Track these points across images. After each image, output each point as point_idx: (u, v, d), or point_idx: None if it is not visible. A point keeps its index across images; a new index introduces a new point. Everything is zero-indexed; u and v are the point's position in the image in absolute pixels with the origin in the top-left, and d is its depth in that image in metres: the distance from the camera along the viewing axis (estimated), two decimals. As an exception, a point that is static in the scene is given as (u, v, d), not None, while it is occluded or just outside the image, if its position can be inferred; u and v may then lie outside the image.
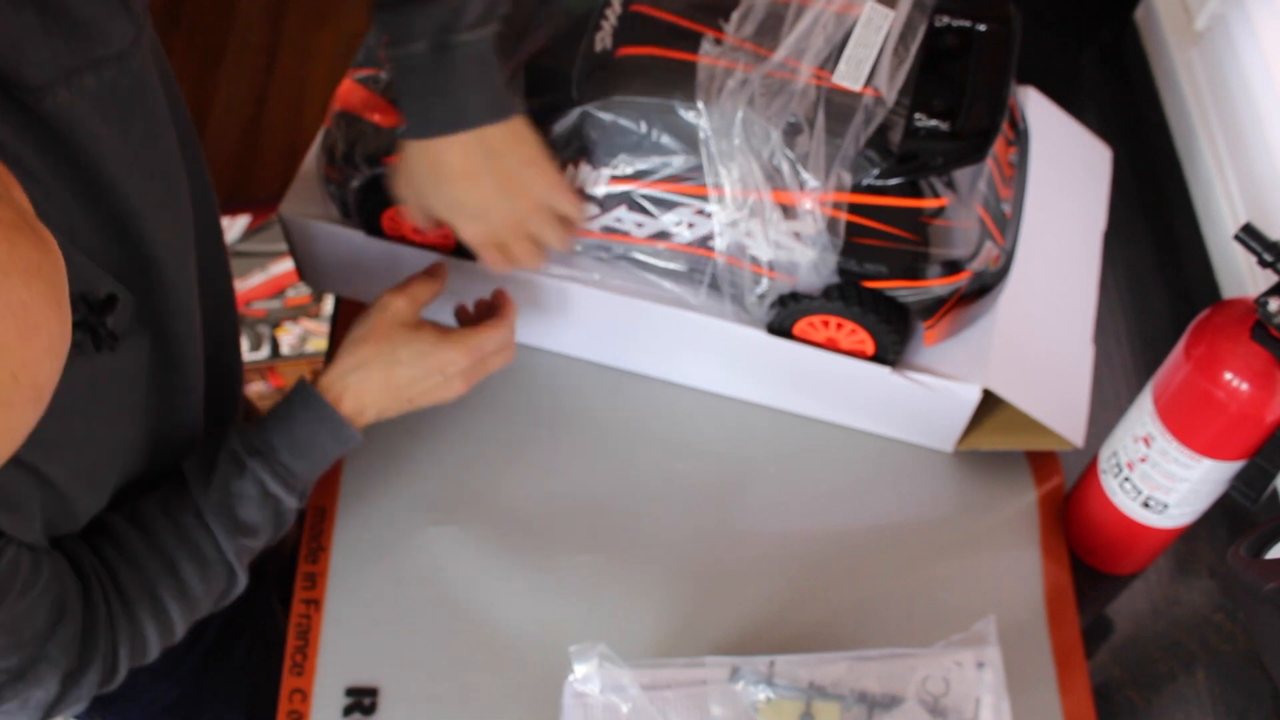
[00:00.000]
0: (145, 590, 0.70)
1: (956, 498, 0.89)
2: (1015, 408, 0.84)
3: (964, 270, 0.79)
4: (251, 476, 0.73)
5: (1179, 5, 1.11)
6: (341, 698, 0.80)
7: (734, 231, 0.78)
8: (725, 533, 0.87)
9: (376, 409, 0.77)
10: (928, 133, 0.75)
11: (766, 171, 0.75)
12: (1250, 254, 0.68)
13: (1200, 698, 0.82)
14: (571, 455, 0.91)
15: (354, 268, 0.93)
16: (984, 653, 0.75)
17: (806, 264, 0.78)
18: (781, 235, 0.77)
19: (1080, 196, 0.95)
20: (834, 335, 0.82)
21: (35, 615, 0.62)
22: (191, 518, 0.72)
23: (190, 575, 0.72)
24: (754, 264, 0.79)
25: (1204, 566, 0.88)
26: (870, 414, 0.90)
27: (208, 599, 0.74)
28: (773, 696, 0.74)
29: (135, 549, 0.71)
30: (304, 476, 0.75)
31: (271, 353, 1.86)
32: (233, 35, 2.43)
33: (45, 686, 0.64)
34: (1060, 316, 0.89)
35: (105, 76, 0.59)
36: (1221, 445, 0.72)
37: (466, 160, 0.74)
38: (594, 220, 0.82)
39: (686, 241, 0.81)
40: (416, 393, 0.78)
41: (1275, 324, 0.66)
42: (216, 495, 0.72)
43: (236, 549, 0.73)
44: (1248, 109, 0.98)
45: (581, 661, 0.72)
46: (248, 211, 1.93)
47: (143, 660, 0.72)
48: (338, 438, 0.75)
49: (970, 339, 0.84)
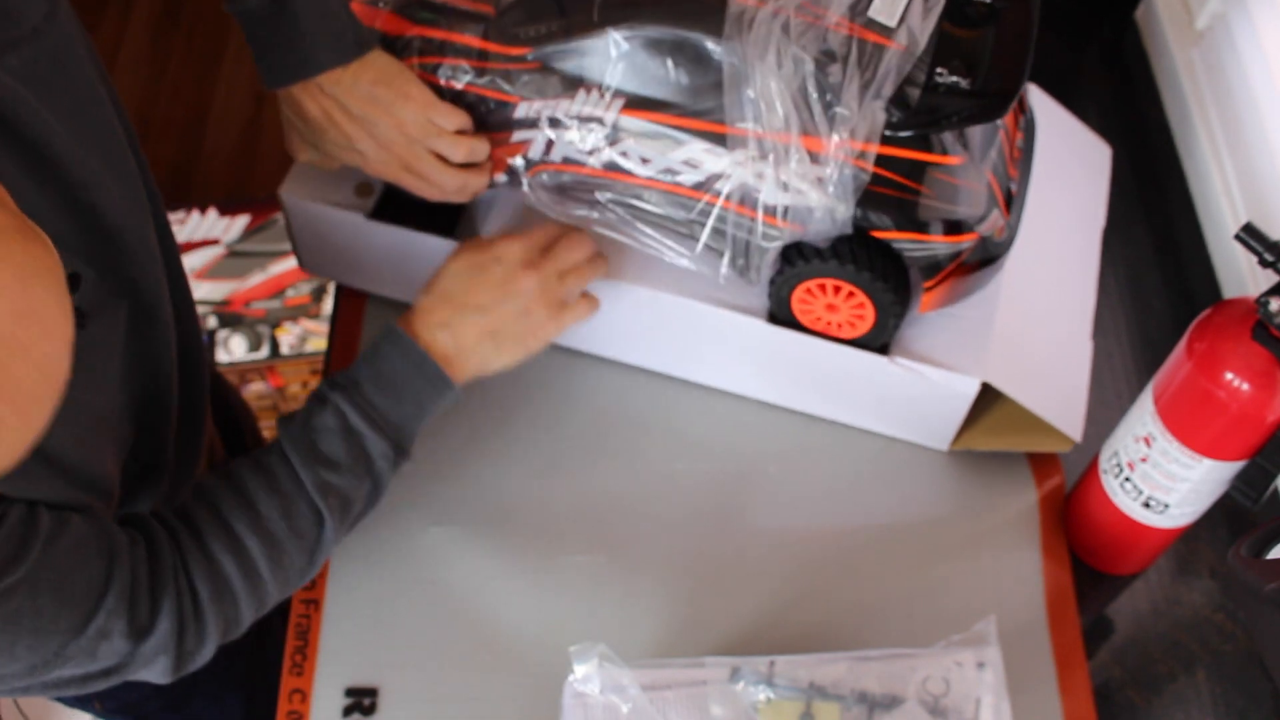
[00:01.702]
0: (221, 528, 0.69)
1: (957, 498, 0.89)
2: (1011, 408, 0.84)
3: (971, 231, 0.77)
4: (332, 408, 0.72)
5: (1180, 4, 1.11)
6: (341, 698, 0.80)
7: (747, 173, 0.76)
8: (725, 533, 0.87)
9: (467, 347, 0.76)
10: (948, 89, 0.74)
11: (794, 105, 0.73)
12: (1251, 254, 0.68)
13: (1201, 698, 0.82)
14: (571, 456, 0.91)
15: (354, 253, 0.92)
16: (984, 653, 0.75)
17: (821, 209, 0.75)
18: (798, 178, 0.75)
19: (1080, 194, 0.95)
20: (834, 303, 0.81)
21: (78, 569, 0.61)
22: (272, 455, 0.72)
23: (269, 509, 0.70)
24: (764, 212, 0.77)
25: (1205, 567, 0.88)
26: (866, 409, 0.89)
27: (294, 540, 0.71)
28: (773, 697, 0.74)
29: (213, 491, 0.70)
30: (391, 416, 0.74)
31: (271, 353, 1.86)
32: (233, 35, 2.43)
33: (110, 639, 0.63)
34: (1059, 312, 0.89)
35: (25, 53, 0.59)
36: (1222, 445, 0.72)
37: (319, 105, 0.76)
38: (599, 153, 0.79)
39: (692, 184, 0.78)
40: (499, 321, 0.77)
41: (1276, 324, 0.66)
42: (298, 429, 0.72)
43: (317, 481, 0.71)
44: (1248, 108, 0.98)
45: (581, 661, 0.72)
46: (247, 211, 1.93)
47: (233, 610, 0.70)
48: (425, 375, 0.74)
49: (968, 333, 0.84)
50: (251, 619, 0.72)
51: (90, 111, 0.65)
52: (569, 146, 0.79)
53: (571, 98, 0.78)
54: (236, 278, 1.89)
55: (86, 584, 0.61)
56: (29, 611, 0.58)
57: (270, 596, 0.72)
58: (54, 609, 0.60)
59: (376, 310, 0.98)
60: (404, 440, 0.75)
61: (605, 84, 0.77)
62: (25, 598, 0.58)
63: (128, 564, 0.64)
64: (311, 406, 0.73)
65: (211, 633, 0.69)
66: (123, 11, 2.48)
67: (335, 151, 0.80)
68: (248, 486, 0.71)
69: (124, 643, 0.63)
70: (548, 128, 0.79)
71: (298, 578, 0.73)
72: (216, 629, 0.69)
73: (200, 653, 0.69)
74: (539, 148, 0.81)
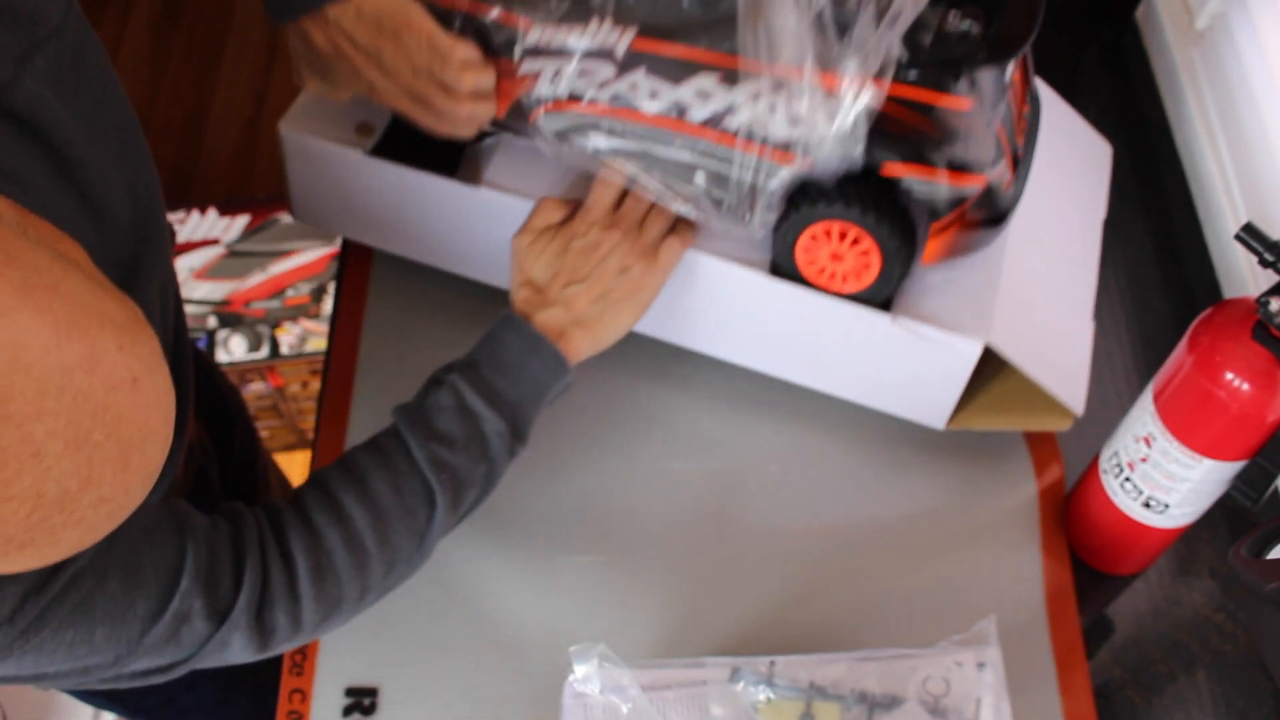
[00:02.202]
0: (327, 499, 0.69)
1: (957, 497, 0.89)
2: (1009, 386, 0.83)
3: (980, 174, 0.76)
4: (449, 388, 0.72)
5: (1180, 4, 1.11)
6: (341, 698, 0.80)
7: (756, 106, 0.75)
8: (725, 533, 0.87)
9: (583, 317, 0.76)
10: (960, 35, 0.74)
11: (811, 36, 0.73)
12: (1251, 254, 0.68)
13: (1201, 698, 0.82)
14: (571, 456, 0.91)
15: (351, 195, 0.90)
16: (984, 653, 0.75)
17: (831, 139, 0.74)
18: (809, 110, 0.74)
19: (1081, 185, 0.95)
20: (839, 250, 0.79)
21: (148, 552, 0.60)
22: (388, 434, 0.72)
23: (378, 482, 0.70)
24: (774, 147, 0.76)
25: (1205, 567, 0.88)
26: (864, 377, 0.88)
27: (404, 518, 0.70)
28: (773, 697, 0.74)
29: (324, 472, 0.70)
30: (508, 397, 0.74)
31: (271, 352, 1.86)
32: (232, 35, 2.43)
33: (191, 622, 0.62)
34: (1061, 292, 0.88)
35: (49, 52, 0.59)
36: (1222, 445, 0.72)
37: (327, 37, 0.76)
38: (608, 86, 0.78)
39: (701, 120, 0.77)
40: (603, 285, 0.77)
41: (1276, 324, 0.66)
42: (414, 408, 0.72)
43: (430, 456, 0.70)
44: (1249, 108, 0.98)
45: (581, 662, 0.72)
46: (247, 211, 1.93)
47: (335, 587, 0.68)
48: (541, 356, 0.74)
49: (971, 299, 0.82)
50: (354, 603, 0.70)
51: (105, 109, 0.65)
52: (577, 79, 0.78)
53: (583, 26, 0.77)
54: (236, 278, 1.89)
55: (157, 567, 0.61)
56: (101, 598, 0.58)
57: (374, 577, 0.70)
58: (127, 595, 0.59)
59: (377, 310, 0.98)
60: (520, 424, 0.75)
61: (617, 13, 0.76)
62: (93, 584, 0.58)
63: (204, 544, 0.63)
64: (426, 389, 0.73)
65: (308, 609, 0.67)
66: (123, 11, 2.48)
67: (343, 82, 0.80)
68: (359, 463, 0.70)
69: (205, 624, 0.62)
70: (556, 57, 0.78)
71: (405, 563, 0.72)
72: (314, 607, 0.67)
73: (293, 630, 0.67)
74: (546, 81, 0.79)
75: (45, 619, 0.56)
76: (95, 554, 0.57)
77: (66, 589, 0.56)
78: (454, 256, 0.92)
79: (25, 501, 0.41)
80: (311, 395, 1.92)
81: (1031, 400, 0.84)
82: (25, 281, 0.42)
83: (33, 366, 0.41)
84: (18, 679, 0.60)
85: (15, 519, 0.42)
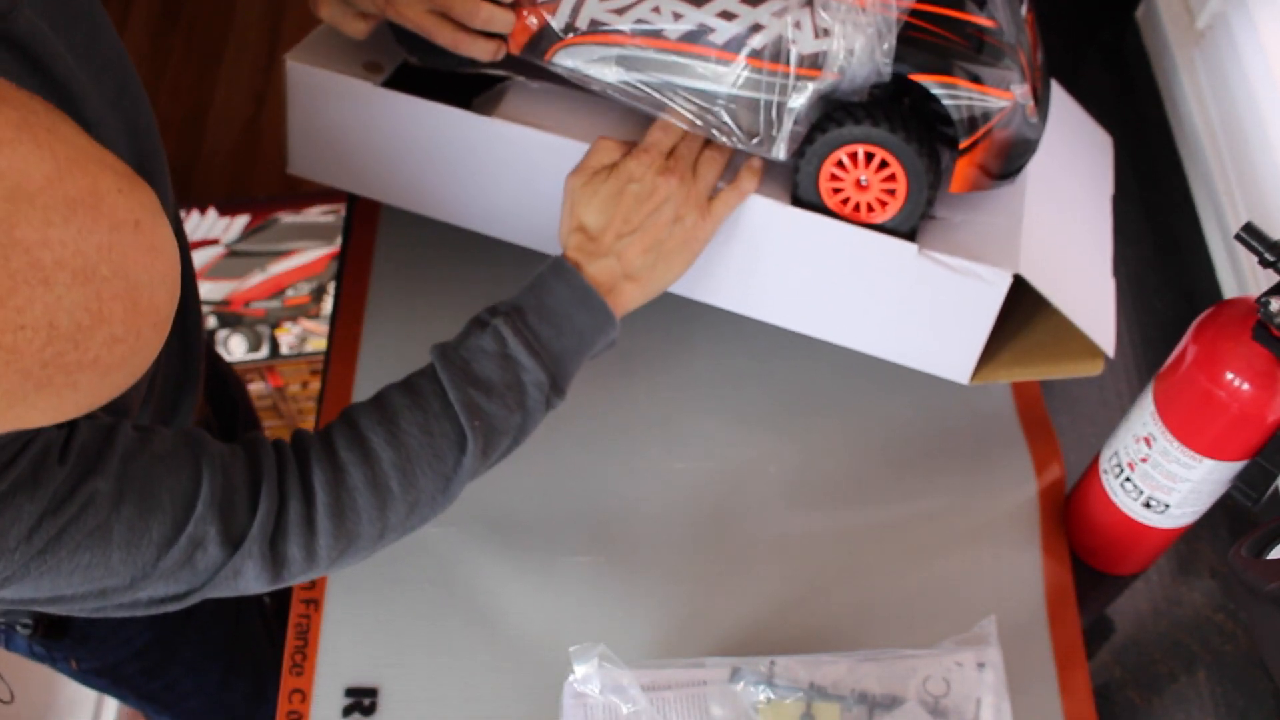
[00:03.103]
0: (355, 436, 0.68)
1: (958, 497, 0.89)
2: (1033, 338, 0.81)
3: (1007, 90, 0.75)
4: (492, 332, 0.71)
5: (1180, 4, 1.11)
6: (341, 698, 0.80)
7: (782, 24, 0.74)
8: (725, 533, 0.87)
9: (634, 268, 0.75)
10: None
11: None
12: (1251, 254, 0.68)
13: (1201, 698, 0.82)
14: (571, 455, 0.91)
15: (356, 137, 0.87)
16: (985, 653, 0.75)
17: (861, 49, 0.73)
18: (837, 18, 0.73)
19: (1087, 166, 0.94)
20: (863, 177, 0.78)
21: (164, 478, 0.60)
22: (424, 374, 0.70)
23: (409, 423, 0.68)
24: (799, 65, 0.75)
25: (1205, 567, 0.88)
26: (887, 323, 0.84)
27: (431, 460, 0.69)
28: (773, 697, 0.74)
29: (356, 409, 0.69)
30: (553, 348, 0.72)
31: (271, 352, 1.86)
32: (232, 35, 2.43)
33: (205, 548, 0.62)
34: (1082, 245, 0.87)
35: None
36: (1223, 445, 0.72)
37: None
38: (628, 11, 0.76)
39: (723, 44, 0.75)
40: (656, 234, 0.76)
41: (1277, 324, 0.66)
42: (453, 349, 0.71)
43: (465, 401, 0.69)
44: (1249, 108, 0.98)
45: (581, 662, 0.72)
46: (247, 211, 1.93)
47: (354, 523, 0.67)
48: (589, 307, 0.73)
49: (997, 237, 0.80)
50: (373, 541, 0.69)
51: (98, 48, 0.65)
52: (597, 4, 0.77)
53: None
54: (236, 278, 1.89)
55: (173, 493, 0.61)
56: (117, 522, 0.59)
57: (396, 517, 0.69)
58: (142, 519, 0.59)
59: (377, 310, 0.98)
60: (561, 376, 0.73)
61: None
62: (109, 509, 0.58)
63: (220, 471, 0.63)
64: (469, 329, 0.71)
65: (324, 543, 0.67)
66: (122, 11, 2.48)
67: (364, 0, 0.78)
68: (392, 402, 0.69)
69: (219, 550, 0.62)
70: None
71: (428, 505, 0.70)
72: (331, 541, 0.67)
73: (308, 563, 0.67)
74: (567, 8, 0.77)
75: (62, 539, 0.57)
76: (111, 480, 0.58)
77: (84, 510, 0.57)
78: (464, 207, 0.89)
79: (39, 331, 0.43)
80: (311, 395, 1.92)
81: (1058, 349, 0.82)
82: (23, 120, 0.44)
83: (37, 196, 0.43)
84: (35, 601, 0.60)
85: (30, 350, 0.43)
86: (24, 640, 0.89)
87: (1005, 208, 0.82)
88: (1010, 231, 0.80)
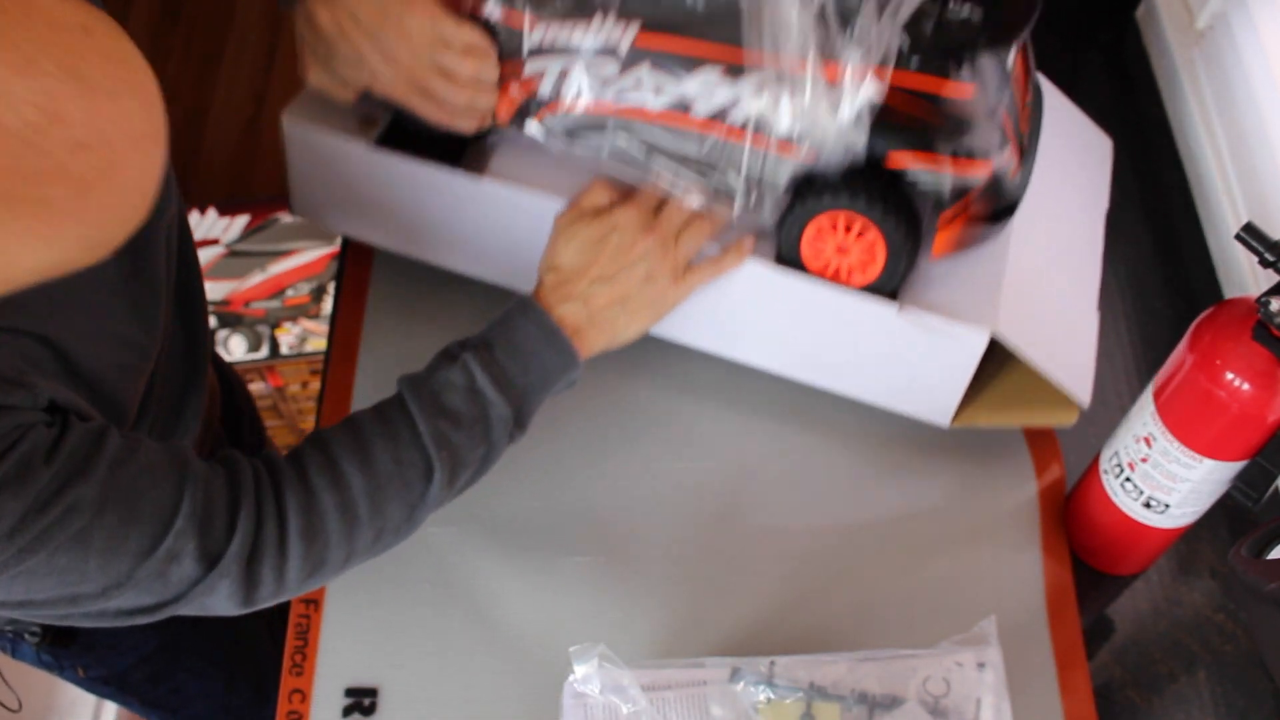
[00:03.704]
0: (327, 461, 0.69)
1: (958, 497, 0.89)
2: (1014, 382, 0.82)
3: (985, 160, 0.76)
4: (461, 365, 0.72)
5: (1180, 4, 1.11)
6: (341, 698, 0.80)
7: (762, 101, 0.75)
8: (725, 533, 0.87)
9: (599, 317, 0.76)
10: (961, 23, 0.74)
11: (810, 32, 0.73)
12: (1251, 254, 0.68)
13: (1201, 698, 0.82)
14: (571, 455, 0.91)
15: (353, 188, 0.90)
16: (985, 653, 0.75)
17: (835, 134, 0.75)
18: (813, 103, 0.74)
19: (1083, 177, 0.94)
20: (844, 243, 0.79)
21: (148, 490, 0.61)
22: (394, 404, 0.72)
23: (379, 450, 0.70)
24: (779, 139, 0.76)
25: (1205, 567, 0.88)
26: (868, 372, 0.87)
27: (400, 490, 0.70)
28: (773, 697, 0.74)
29: (327, 433, 0.70)
30: (518, 383, 0.74)
31: (271, 352, 1.86)
32: (232, 35, 2.43)
33: (181, 562, 0.62)
34: (1066, 282, 0.88)
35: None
36: (1223, 445, 0.72)
37: (332, 15, 0.76)
38: (612, 83, 0.78)
39: (705, 115, 0.77)
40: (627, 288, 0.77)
41: (1277, 324, 0.66)
42: (423, 381, 0.72)
43: (434, 431, 0.71)
44: (1249, 108, 0.98)
45: (581, 662, 0.72)
46: (247, 211, 1.93)
47: (323, 549, 0.68)
48: (555, 346, 0.75)
49: (977, 291, 0.82)
50: (339, 565, 0.70)
51: None
52: (582, 77, 0.78)
53: (586, 23, 0.77)
54: (236, 278, 1.89)
55: (155, 505, 0.61)
56: (98, 528, 0.58)
57: (362, 543, 0.70)
58: (122, 528, 0.59)
59: (377, 310, 0.97)
60: (525, 413, 0.75)
61: (621, 9, 0.76)
62: (92, 515, 0.58)
63: (201, 488, 0.63)
64: (438, 362, 0.73)
65: (294, 567, 0.67)
66: (121, 11, 2.48)
67: (345, 69, 0.79)
68: (363, 429, 0.71)
69: (195, 566, 0.63)
70: (560, 56, 0.78)
71: (393, 533, 0.72)
72: (300, 565, 0.68)
73: (277, 586, 0.67)
74: (550, 81, 0.79)
75: (43, 541, 0.57)
76: (96, 486, 0.58)
77: (67, 513, 0.57)
78: (456, 253, 0.92)
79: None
80: (311, 395, 1.92)
81: (1036, 396, 0.84)
82: None
83: None
84: (4, 604, 0.60)
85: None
86: (31, 649, 0.89)
87: (988, 250, 0.83)
88: (991, 279, 0.82)
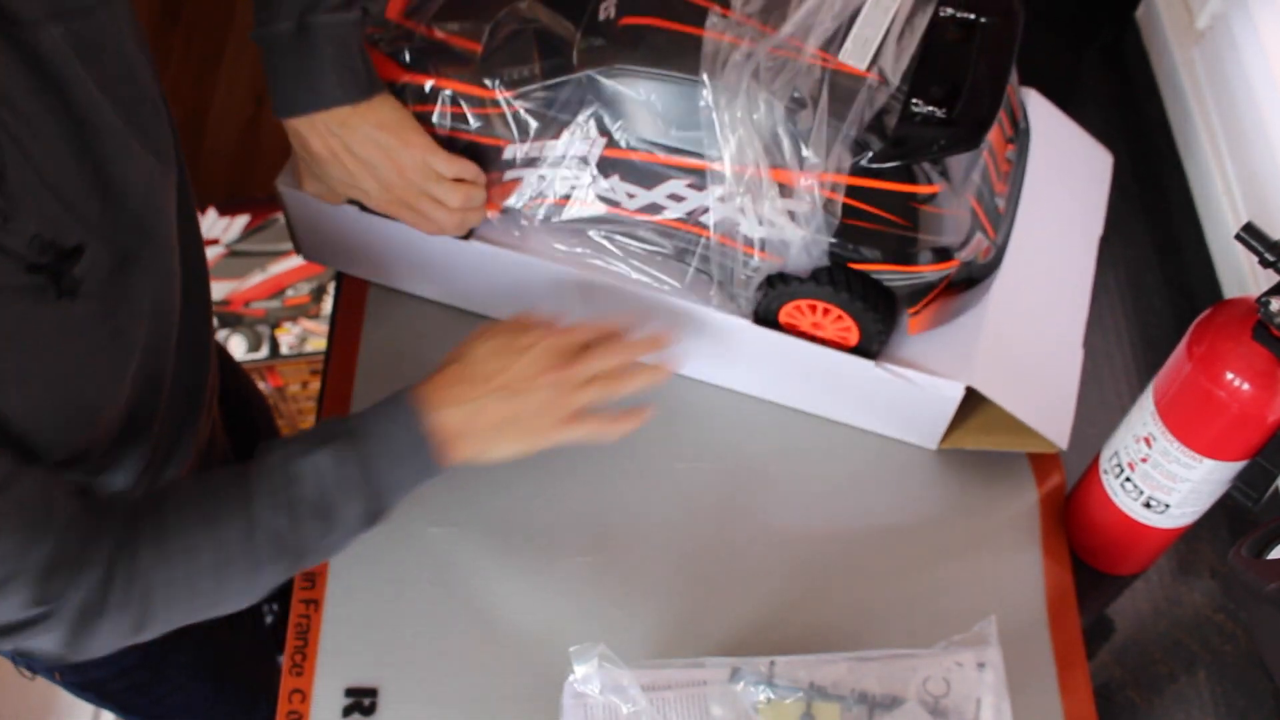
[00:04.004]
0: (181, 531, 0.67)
1: (958, 498, 0.89)
2: (1000, 409, 0.84)
3: (952, 259, 0.79)
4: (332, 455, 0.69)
5: (1180, 4, 1.11)
6: (341, 698, 0.80)
7: (727, 208, 0.78)
8: (725, 533, 0.87)
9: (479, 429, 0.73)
10: (924, 119, 0.74)
11: (767, 146, 0.75)
12: (1251, 253, 0.68)
13: (1201, 698, 0.82)
14: (570, 456, 0.90)
15: (352, 241, 0.93)
16: (985, 653, 0.75)
17: (798, 244, 0.77)
18: (775, 213, 0.77)
19: (1079, 201, 0.95)
20: (819, 321, 0.82)
21: (4, 520, 0.60)
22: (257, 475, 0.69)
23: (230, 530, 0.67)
24: (745, 244, 0.79)
25: (1205, 567, 0.88)
26: (854, 408, 0.90)
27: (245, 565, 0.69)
28: (773, 697, 0.74)
29: (188, 493, 0.69)
30: (383, 481, 0.71)
31: (271, 352, 1.86)
32: (232, 35, 2.43)
33: (9, 602, 0.61)
34: (1051, 319, 0.89)
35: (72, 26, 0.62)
36: (1223, 445, 0.72)
37: (324, 141, 0.78)
38: (587, 190, 0.82)
39: (678, 218, 0.81)
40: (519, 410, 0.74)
41: (1277, 324, 0.66)
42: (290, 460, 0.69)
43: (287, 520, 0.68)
44: (1249, 108, 0.98)
45: (581, 662, 0.72)
46: (247, 211, 1.93)
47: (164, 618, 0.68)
48: (419, 457, 0.72)
49: (957, 336, 0.84)
50: (169, 627, 0.69)
51: (130, 87, 0.67)
52: (558, 184, 0.83)
53: (556, 138, 0.81)
54: (236, 278, 1.89)
55: (9, 540, 0.60)
56: None
57: (199, 614, 0.70)
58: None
59: (377, 311, 0.98)
60: (384, 510, 0.72)
61: (588, 124, 0.80)
62: None
63: (53, 539, 0.62)
64: (309, 444, 0.70)
65: (127, 631, 0.67)
66: (122, 11, 2.47)
67: (338, 186, 0.83)
68: (221, 499, 0.69)
69: (20, 610, 0.62)
70: (536, 168, 0.82)
71: (229, 605, 0.71)
72: (133, 630, 0.67)
73: (109, 644, 0.67)
74: (530, 187, 0.84)
75: None
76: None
77: None
78: (450, 294, 0.96)
79: None
80: (311, 395, 1.92)
81: (1021, 423, 0.84)
82: None
83: None
84: None
85: None
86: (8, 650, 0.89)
87: (969, 297, 0.85)
88: (970, 328, 0.84)
